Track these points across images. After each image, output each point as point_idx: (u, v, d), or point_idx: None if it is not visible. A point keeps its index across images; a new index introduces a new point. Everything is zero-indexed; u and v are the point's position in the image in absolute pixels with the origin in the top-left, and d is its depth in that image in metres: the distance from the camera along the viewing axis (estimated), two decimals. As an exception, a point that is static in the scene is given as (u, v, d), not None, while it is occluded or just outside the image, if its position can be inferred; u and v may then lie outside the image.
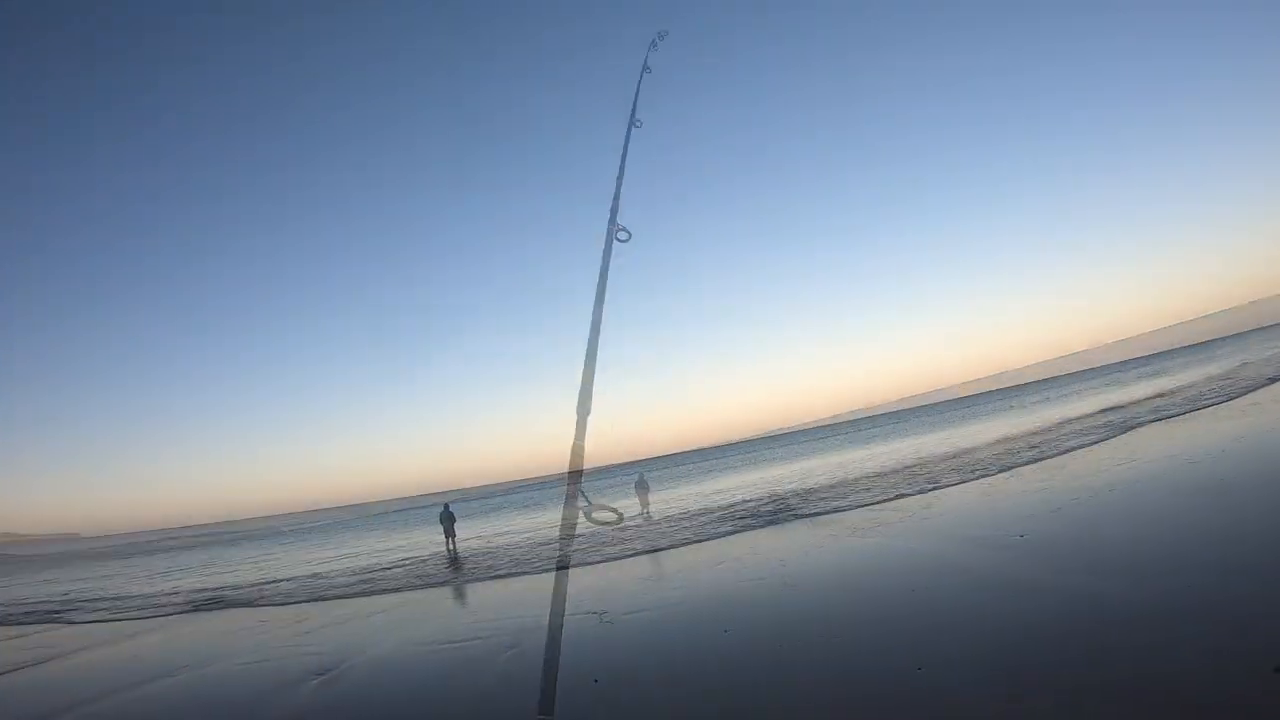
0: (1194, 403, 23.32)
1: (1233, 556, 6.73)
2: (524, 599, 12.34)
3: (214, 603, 18.35)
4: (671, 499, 33.86)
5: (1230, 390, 24.71)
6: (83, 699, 9.71)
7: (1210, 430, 16.76)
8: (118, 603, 22.03)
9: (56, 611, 19.88)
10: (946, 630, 6.52)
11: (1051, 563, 8.06)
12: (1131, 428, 20.76)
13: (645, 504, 25.87)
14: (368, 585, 18.15)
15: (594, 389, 2.55)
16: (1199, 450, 13.92)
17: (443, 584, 16.44)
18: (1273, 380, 25.03)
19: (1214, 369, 37.49)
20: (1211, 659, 4.58)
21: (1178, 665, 4.62)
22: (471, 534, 29.70)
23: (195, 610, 17.77)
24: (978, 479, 17.47)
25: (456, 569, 19.19)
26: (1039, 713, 4.43)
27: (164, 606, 19.23)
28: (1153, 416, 22.52)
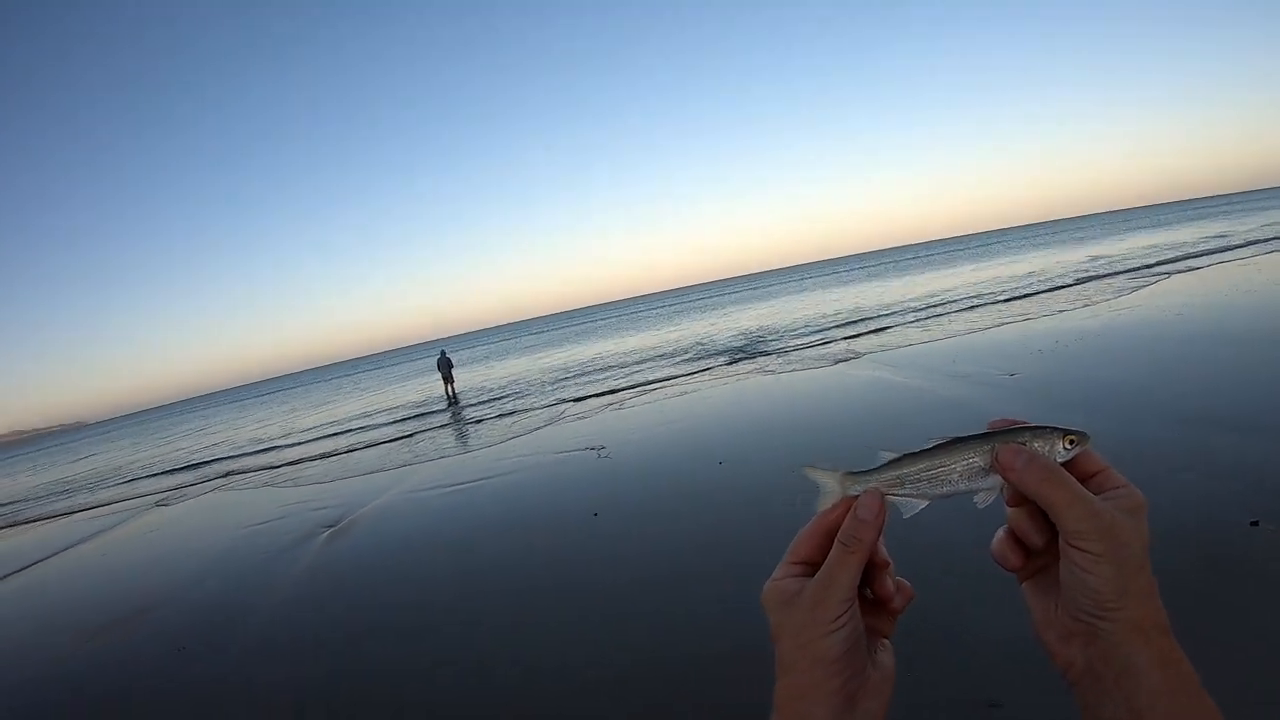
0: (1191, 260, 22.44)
1: (1215, 407, 6.59)
2: (524, 439, 12.62)
3: (229, 474, 18.96)
4: (656, 339, 34.21)
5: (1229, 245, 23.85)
6: (136, 567, 10.19)
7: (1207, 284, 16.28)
8: (143, 480, 22.79)
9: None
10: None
11: (1045, 402, 7.98)
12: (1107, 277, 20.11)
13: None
14: (370, 435, 18.61)
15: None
16: (1191, 303, 13.43)
17: (443, 429, 16.83)
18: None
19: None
20: (1193, 508, 4.49)
21: (1161, 511, 4.56)
22: (470, 378, 30.19)
23: (217, 479, 18.46)
24: (957, 320, 17.25)
25: (456, 414, 19.59)
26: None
27: (180, 481, 19.93)
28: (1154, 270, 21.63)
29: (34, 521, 15.85)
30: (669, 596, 4.92)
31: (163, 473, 20.01)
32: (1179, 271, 19.53)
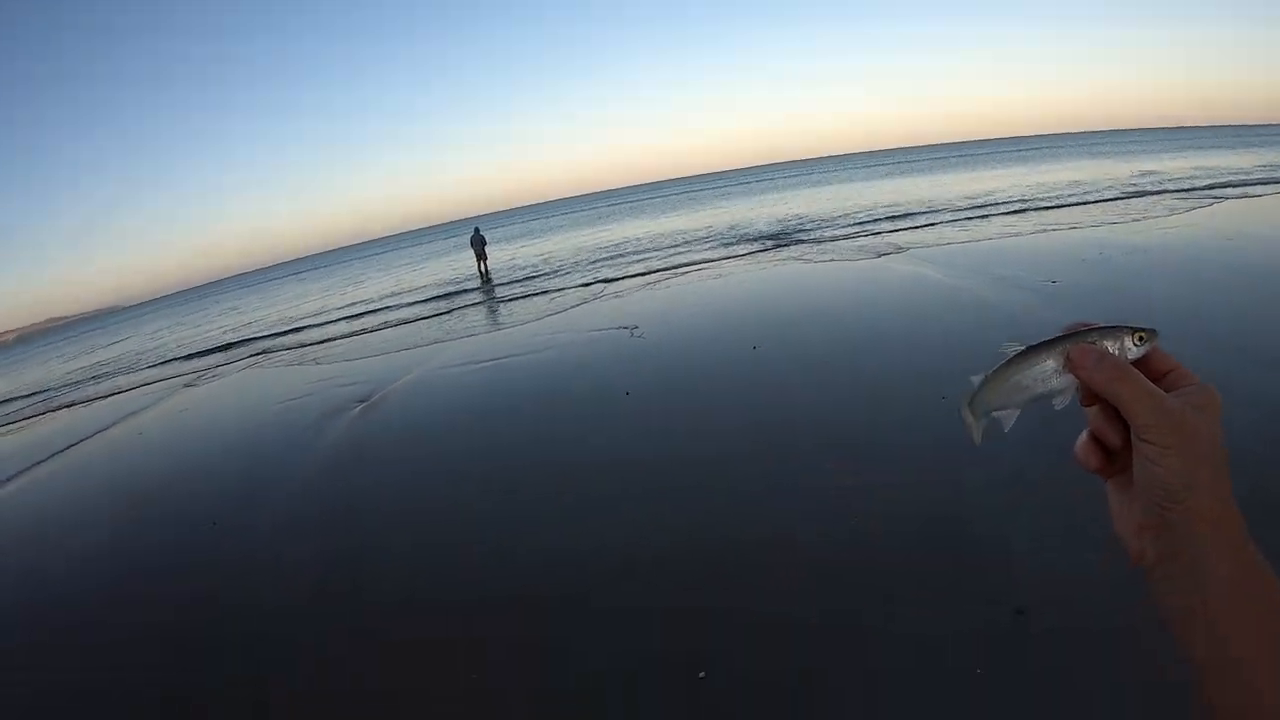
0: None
1: (1244, 335, 6.08)
2: (558, 318, 12.36)
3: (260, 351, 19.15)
4: (691, 222, 33.27)
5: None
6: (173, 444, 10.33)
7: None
8: (180, 360, 23.13)
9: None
10: (972, 364, 6.08)
11: (1080, 309, 7.47)
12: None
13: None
14: (401, 313, 18.51)
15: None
16: (1244, 231, 12.09)
17: (475, 307, 16.63)
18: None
19: None
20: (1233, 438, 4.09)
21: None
22: (503, 256, 29.77)
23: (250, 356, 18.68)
24: (1001, 223, 16.09)
25: (489, 292, 19.34)
26: (1066, 450, 4.17)
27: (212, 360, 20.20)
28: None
29: (67, 406, 15.99)
30: (711, 470, 4.82)
31: (195, 354, 20.05)
32: (1233, 198, 17.96)
